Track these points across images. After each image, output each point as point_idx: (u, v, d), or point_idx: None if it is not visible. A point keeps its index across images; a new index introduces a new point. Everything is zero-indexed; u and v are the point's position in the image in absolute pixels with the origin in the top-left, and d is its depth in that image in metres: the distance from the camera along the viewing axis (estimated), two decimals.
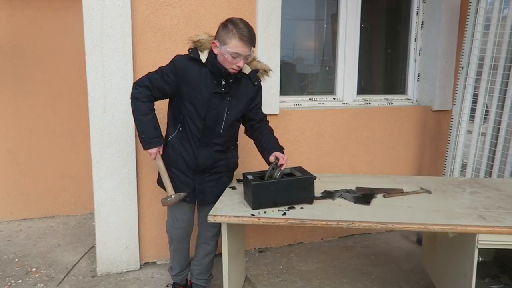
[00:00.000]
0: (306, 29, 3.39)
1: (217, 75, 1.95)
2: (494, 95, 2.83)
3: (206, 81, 1.95)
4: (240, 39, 1.85)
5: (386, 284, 2.56)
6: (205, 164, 2.07)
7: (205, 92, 1.96)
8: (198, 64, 1.96)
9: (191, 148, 2.05)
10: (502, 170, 2.80)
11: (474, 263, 1.73)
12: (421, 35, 3.45)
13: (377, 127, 3.27)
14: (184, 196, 2.07)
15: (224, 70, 1.92)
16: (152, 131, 2.02)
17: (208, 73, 1.95)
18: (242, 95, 2.05)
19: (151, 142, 2.02)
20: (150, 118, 2.02)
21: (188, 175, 2.09)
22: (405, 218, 1.79)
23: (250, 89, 2.08)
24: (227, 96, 1.99)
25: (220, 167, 2.13)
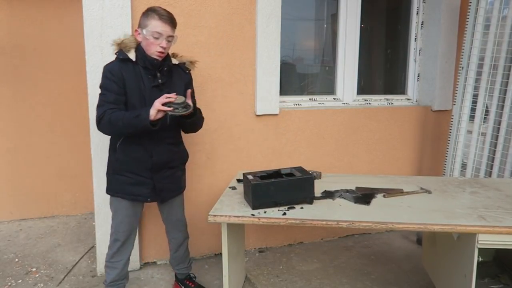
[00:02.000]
0: (306, 29, 3.39)
1: (150, 68, 1.98)
2: (494, 95, 2.83)
3: (142, 77, 1.98)
4: (159, 18, 1.91)
5: (386, 284, 2.56)
6: (161, 160, 2.07)
7: (144, 88, 1.98)
8: (129, 64, 1.97)
9: (143, 148, 2.02)
10: (502, 170, 2.80)
11: (474, 263, 1.73)
12: (421, 35, 3.45)
13: (377, 127, 3.27)
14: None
15: (155, 61, 1.96)
16: (135, 112, 1.91)
17: (141, 69, 1.98)
18: (178, 84, 2.09)
19: (144, 113, 1.87)
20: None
21: (145, 176, 2.06)
22: (405, 218, 1.79)
23: (183, 77, 2.13)
24: (165, 88, 2.00)
25: (175, 161, 2.15)
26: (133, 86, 1.96)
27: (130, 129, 1.91)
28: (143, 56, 1.96)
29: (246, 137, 2.89)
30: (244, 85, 2.82)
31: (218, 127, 2.80)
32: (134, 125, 1.88)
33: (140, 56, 1.97)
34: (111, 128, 1.93)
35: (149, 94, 1.97)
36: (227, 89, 2.78)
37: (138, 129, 1.90)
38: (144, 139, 2.00)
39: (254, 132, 2.90)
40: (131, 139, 2.00)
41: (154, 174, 2.07)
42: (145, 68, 1.98)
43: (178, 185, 2.22)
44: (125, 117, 1.89)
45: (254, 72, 2.82)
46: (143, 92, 1.98)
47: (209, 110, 2.75)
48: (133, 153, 2.02)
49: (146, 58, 1.96)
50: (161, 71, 2.01)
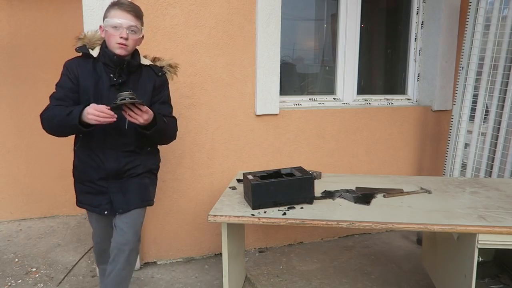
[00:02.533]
0: (306, 29, 3.39)
1: (111, 65, 1.80)
2: (494, 95, 2.83)
3: (102, 76, 1.81)
4: (118, 8, 1.75)
5: (386, 284, 2.56)
6: (115, 168, 1.84)
7: (101, 87, 1.81)
8: (90, 61, 1.82)
9: (96, 154, 1.84)
10: (502, 170, 2.80)
11: (474, 263, 1.73)
12: (421, 35, 3.45)
13: (377, 127, 3.27)
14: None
15: (115, 57, 1.77)
16: (70, 108, 1.71)
17: (102, 67, 1.81)
18: (145, 86, 1.88)
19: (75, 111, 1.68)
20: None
21: (101, 185, 1.86)
22: (405, 218, 1.79)
23: (153, 79, 1.91)
24: (127, 88, 1.79)
25: (137, 168, 1.89)
26: (89, 83, 1.79)
27: (65, 128, 1.73)
28: (104, 51, 1.80)
29: (246, 137, 2.89)
30: (244, 85, 2.82)
31: (218, 127, 2.80)
32: (66, 124, 1.70)
33: (102, 52, 1.81)
34: (50, 126, 1.76)
35: (107, 94, 1.80)
36: (227, 89, 2.78)
37: (71, 129, 1.73)
38: (95, 143, 1.83)
39: (254, 132, 2.90)
40: (86, 143, 1.84)
41: (110, 183, 1.86)
42: (105, 65, 1.81)
43: (141, 196, 1.91)
44: (60, 113, 1.70)
45: (254, 72, 2.82)
46: (101, 91, 1.80)
47: (209, 110, 2.75)
48: (86, 159, 1.86)
49: (106, 53, 1.78)
50: (123, 69, 1.81)
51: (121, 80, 1.81)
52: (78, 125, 1.66)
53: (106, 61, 1.80)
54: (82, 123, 1.67)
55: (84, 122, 1.67)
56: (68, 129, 1.72)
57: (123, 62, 1.80)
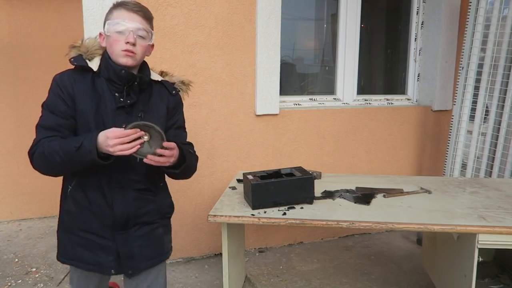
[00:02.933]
0: (306, 29, 3.39)
1: (117, 82, 1.41)
2: (494, 95, 2.83)
3: (104, 94, 1.41)
4: (123, 8, 1.41)
5: (386, 284, 2.56)
6: (126, 213, 1.45)
7: (105, 109, 1.41)
8: (88, 76, 1.43)
9: (101, 194, 1.43)
10: (502, 170, 2.80)
11: (474, 263, 1.73)
12: (421, 35, 3.45)
13: (377, 127, 3.27)
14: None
15: (123, 72, 1.39)
16: (77, 139, 1.34)
17: (104, 84, 1.42)
18: (157, 107, 1.51)
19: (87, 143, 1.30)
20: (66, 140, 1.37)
21: (106, 236, 1.45)
22: (405, 218, 1.79)
23: (166, 99, 1.54)
24: (137, 111, 1.45)
25: (149, 214, 1.51)
26: (88, 106, 1.39)
27: (74, 166, 1.35)
28: (108, 64, 1.41)
29: (246, 137, 2.89)
30: (244, 85, 2.82)
31: (218, 127, 2.80)
32: (76, 161, 1.31)
33: (104, 65, 1.43)
34: (48, 166, 1.37)
35: (112, 119, 1.40)
36: (227, 89, 2.78)
37: (82, 166, 1.35)
38: (102, 182, 1.43)
39: (254, 132, 2.90)
40: (85, 181, 1.44)
41: (117, 234, 1.46)
42: (109, 82, 1.42)
43: (158, 248, 1.54)
44: (63, 148, 1.31)
45: (254, 72, 2.82)
46: (104, 115, 1.40)
47: (209, 110, 2.75)
48: (85, 202, 1.44)
49: (110, 66, 1.40)
50: (132, 86, 1.43)
51: (130, 101, 1.43)
52: (97, 160, 1.29)
53: (110, 76, 1.41)
54: (100, 156, 1.30)
55: (102, 154, 1.30)
56: (79, 166, 1.35)
57: (133, 78, 1.42)
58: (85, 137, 1.31)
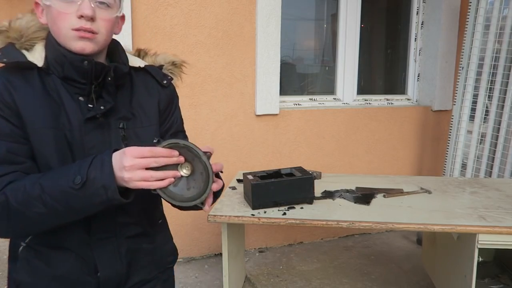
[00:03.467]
0: (306, 29, 3.39)
1: (79, 80, 0.92)
2: (494, 95, 2.83)
3: (63, 101, 0.92)
4: None
5: (386, 284, 2.56)
6: (114, 276, 0.98)
7: (67, 124, 0.91)
8: (33, 74, 0.92)
9: (75, 253, 0.94)
10: (502, 170, 2.80)
11: (474, 263, 1.73)
12: (421, 35, 3.45)
13: (377, 127, 3.27)
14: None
15: (86, 64, 0.89)
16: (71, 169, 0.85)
17: (60, 85, 0.92)
18: (145, 110, 1.03)
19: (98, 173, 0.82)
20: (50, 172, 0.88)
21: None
22: (405, 218, 1.79)
23: (156, 93, 1.06)
24: (116, 120, 0.96)
25: (146, 270, 1.05)
26: (41, 122, 0.89)
27: (70, 215, 0.86)
28: (57, 53, 0.91)
29: (246, 137, 2.89)
30: (244, 85, 2.82)
31: (218, 127, 2.80)
32: (78, 207, 0.84)
33: (53, 56, 0.92)
34: (18, 223, 0.85)
35: (79, 137, 0.92)
36: (227, 89, 2.78)
37: (88, 213, 0.87)
38: (76, 235, 0.94)
39: (254, 132, 2.90)
40: (46, 238, 0.93)
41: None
42: (67, 81, 0.92)
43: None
44: (49, 189, 0.83)
45: (254, 72, 2.82)
46: (67, 133, 0.91)
47: (209, 110, 2.75)
48: (52, 268, 0.94)
49: (63, 56, 0.90)
50: (104, 84, 0.94)
51: (105, 107, 0.93)
52: (118, 199, 0.82)
53: (66, 73, 0.91)
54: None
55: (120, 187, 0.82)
56: (79, 214, 0.86)
57: (103, 70, 0.92)
58: (87, 163, 0.82)
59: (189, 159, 0.84)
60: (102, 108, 0.93)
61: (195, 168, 0.85)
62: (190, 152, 0.83)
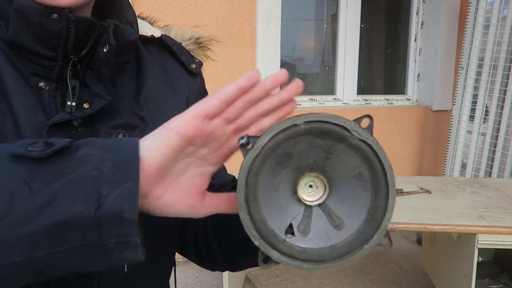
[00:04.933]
0: (306, 29, 3.39)
1: (39, 49, 0.47)
2: (494, 95, 2.83)
3: (2, 86, 0.47)
4: None
5: (386, 284, 2.56)
6: None
7: (8, 133, 0.46)
8: None
9: None
10: (502, 170, 2.80)
11: (474, 263, 1.73)
12: (421, 35, 3.45)
13: (377, 127, 3.25)
14: None
15: (55, 19, 0.45)
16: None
17: (2, 56, 0.48)
18: (163, 108, 0.60)
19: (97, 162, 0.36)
20: None
21: None
22: (405, 218, 1.79)
23: (181, 83, 0.69)
24: (109, 129, 0.52)
25: None
26: None
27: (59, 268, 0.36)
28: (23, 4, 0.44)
29: None
30: None
31: None
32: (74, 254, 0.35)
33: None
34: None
35: None
36: None
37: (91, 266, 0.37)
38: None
39: None
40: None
41: None
42: (14, 48, 0.48)
43: None
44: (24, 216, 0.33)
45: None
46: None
47: None
48: None
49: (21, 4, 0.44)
50: (91, 61, 0.50)
51: (93, 106, 0.50)
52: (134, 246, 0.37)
53: (16, 37, 0.47)
54: None
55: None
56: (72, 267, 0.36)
57: (89, 32, 0.48)
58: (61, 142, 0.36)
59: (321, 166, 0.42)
60: (87, 107, 0.50)
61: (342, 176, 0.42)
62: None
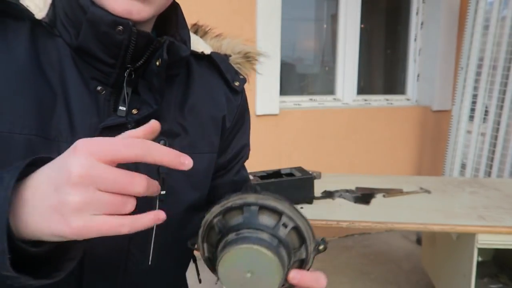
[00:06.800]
0: (306, 29, 3.39)
1: (102, 56, 0.52)
2: (494, 95, 2.84)
3: (66, 87, 0.53)
4: None
5: (386, 284, 2.57)
6: None
7: (65, 132, 0.52)
8: (17, 30, 0.51)
9: None
10: (501, 170, 2.81)
11: (473, 263, 1.74)
12: (421, 35, 3.45)
13: (377, 127, 3.27)
14: None
15: (120, 31, 0.50)
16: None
17: (67, 56, 0.53)
18: (204, 121, 0.65)
19: None
20: None
21: None
22: (405, 218, 1.79)
23: (222, 100, 0.69)
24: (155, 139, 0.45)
25: None
26: (14, 120, 0.49)
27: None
28: (74, 3, 0.51)
29: None
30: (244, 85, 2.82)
31: None
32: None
33: (65, 4, 0.52)
34: None
35: None
36: None
37: None
38: None
39: (254, 132, 2.89)
40: None
41: None
42: (80, 54, 0.53)
43: None
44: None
45: (254, 72, 2.82)
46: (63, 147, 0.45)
47: None
48: None
49: (82, 10, 0.50)
50: (145, 72, 0.56)
51: (141, 112, 0.56)
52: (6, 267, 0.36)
53: (84, 43, 0.52)
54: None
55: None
56: None
57: (147, 45, 0.54)
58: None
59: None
60: (135, 112, 0.55)
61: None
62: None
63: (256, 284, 0.43)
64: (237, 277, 0.43)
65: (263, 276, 0.43)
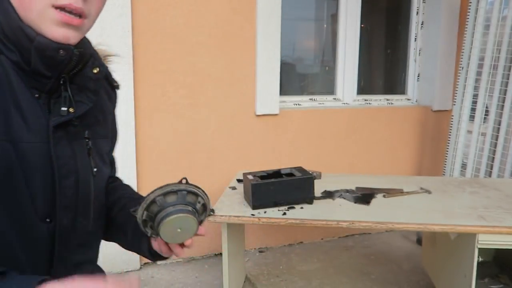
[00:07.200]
0: (306, 29, 3.39)
1: (43, 71, 0.68)
2: (494, 95, 2.83)
3: (16, 97, 0.66)
4: None
5: (386, 284, 2.56)
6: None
7: (25, 134, 0.66)
8: None
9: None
10: (502, 170, 2.80)
11: (474, 263, 1.73)
12: (421, 35, 3.45)
13: (377, 127, 3.27)
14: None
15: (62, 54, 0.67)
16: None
17: (11, 69, 0.66)
18: (106, 112, 0.87)
19: None
20: None
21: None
22: (405, 218, 1.79)
23: (112, 95, 0.91)
24: (82, 131, 0.76)
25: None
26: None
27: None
28: (16, 26, 0.64)
29: (246, 137, 2.89)
30: (244, 85, 2.82)
31: (218, 127, 2.80)
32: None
33: (6, 25, 0.65)
34: None
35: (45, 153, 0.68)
36: (227, 89, 2.78)
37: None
38: None
39: (254, 132, 2.90)
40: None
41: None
42: (20, 69, 0.67)
43: None
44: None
45: (254, 72, 2.82)
46: (26, 148, 0.66)
47: (209, 110, 2.75)
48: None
49: (26, 36, 0.64)
50: (74, 77, 0.74)
51: (78, 110, 0.73)
52: None
53: (26, 62, 0.67)
54: None
55: None
56: None
57: (80, 60, 0.73)
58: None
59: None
60: (72, 111, 0.71)
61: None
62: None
63: (182, 235, 0.78)
64: (172, 231, 0.76)
65: (187, 230, 0.78)
